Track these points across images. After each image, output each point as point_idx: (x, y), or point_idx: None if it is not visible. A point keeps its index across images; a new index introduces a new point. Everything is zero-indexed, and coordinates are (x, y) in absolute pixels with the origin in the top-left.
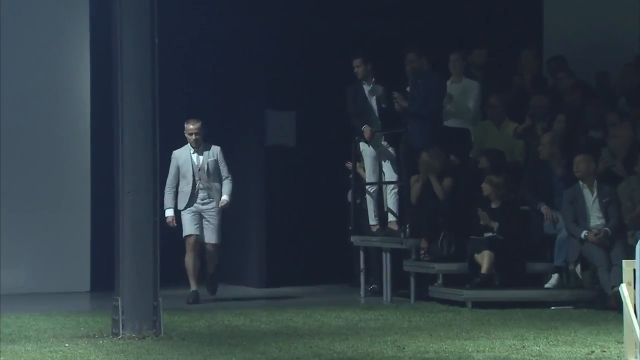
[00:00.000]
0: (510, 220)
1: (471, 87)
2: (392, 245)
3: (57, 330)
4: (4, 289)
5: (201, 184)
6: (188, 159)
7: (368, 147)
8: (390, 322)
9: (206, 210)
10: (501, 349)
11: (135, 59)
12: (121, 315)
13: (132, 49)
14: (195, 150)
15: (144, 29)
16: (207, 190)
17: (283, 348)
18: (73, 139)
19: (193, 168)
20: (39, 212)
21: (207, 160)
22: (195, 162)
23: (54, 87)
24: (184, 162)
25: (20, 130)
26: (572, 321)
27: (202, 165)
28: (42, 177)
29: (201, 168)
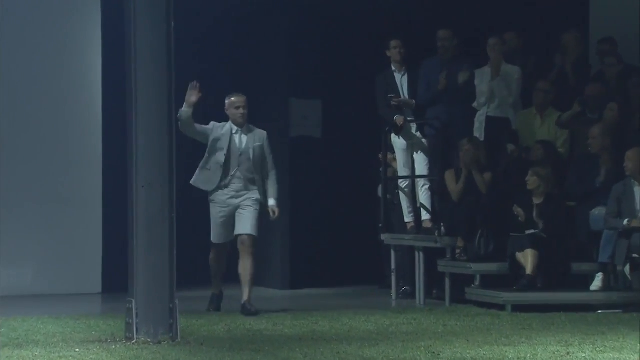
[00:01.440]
0: (555, 217)
1: (511, 73)
2: (425, 244)
3: (67, 335)
4: (10, 290)
5: (240, 173)
6: (227, 137)
7: (399, 138)
8: (423, 327)
9: (241, 202)
10: (544, 355)
11: (150, 45)
12: (135, 318)
13: (147, 33)
14: (240, 130)
15: (159, 12)
16: (245, 182)
17: (308, 354)
18: (83, 129)
19: (232, 151)
20: (46, 208)
21: (252, 145)
22: (237, 144)
23: (63, 76)
24: (221, 138)
25: (27, 121)
26: (621, 326)
27: (246, 149)
28: (50, 170)
29: (243, 153)
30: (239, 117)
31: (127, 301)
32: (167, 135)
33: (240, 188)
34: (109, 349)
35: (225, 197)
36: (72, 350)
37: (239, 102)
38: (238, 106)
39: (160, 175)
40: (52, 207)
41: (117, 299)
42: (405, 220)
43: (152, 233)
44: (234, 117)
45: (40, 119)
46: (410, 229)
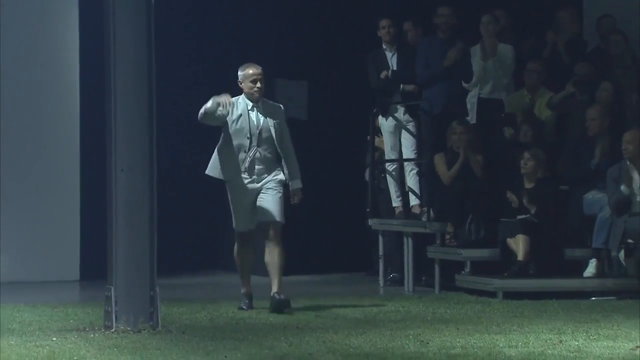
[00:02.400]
0: (548, 201)
1: (505, 52)
2: (414, 230)
3: (44, 323)
4: None
5: (259, 154)
6: (245, 115)
7: (386, 120)
8: (412, 315)
9: (263, 185)
10: (536, 343)
11: (129, 26)
12: (114, 306)
13: (126, 15)
14: (256, 105)
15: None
16: (266, 163)
17: (293, 343)
18: (60, 112)
19: (251, 129)
20: (22, 193)
21: (271, 123)
22: (254, 120)
23: (40, 60)
24: (238, 117)
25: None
26: (615, 313)
27: (266, 127)
28: (26, 156)
29: (263, 131)
30: (255, 92)
31: (106, 289)
32: (147, 117)
33: (261, 171)
34: (87, 338)
35: (245, 181)
36: (49, 339)
37: (256, 75)
38: (255, 79)
39: (141, 159)
40: (29, 193)
41: (95, 287)
42: (393, 205)
43: (132, 219)
44: (250, 91)
45: (17, 103)
46: (398, 214)
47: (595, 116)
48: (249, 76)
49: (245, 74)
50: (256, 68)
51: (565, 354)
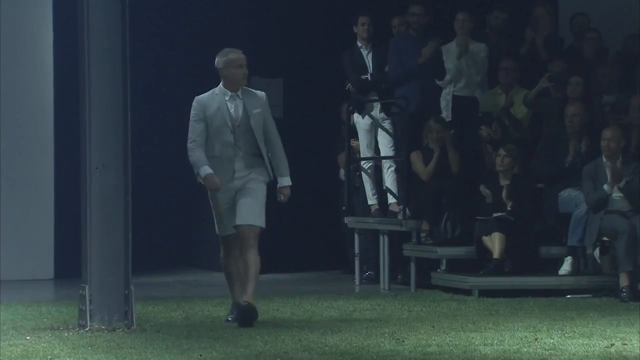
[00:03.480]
0: (523, 198)
1: (478, 50)
2: (390, 228)
3: (17, 322)
4: None
5: (239, 148)
6: (222, 108)
7: (362, 118)
8: (388, 313)
9: (244, 184)
10: (511, 341)
11: (104, 23)
12: (89, 305)
13: (100, 12)
14: (233, 94)
15: None
16: (248, 158)
17: (269, 341)
18: (34, 109)
19: (231, 122)
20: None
21: (251, 112)
22: (232, 112)
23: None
24: (215, 112)
25: None
26: (590, 311)
27: (245, 117)
28: None
29: (241, 123)
30: (242, 78)
31: (81, 287)
32: (122, 113)
33: (242, 167)
34: (61, 337)
35: (225, 180)
36: (23, 338)
37: (241, 60)
38: (240, 64)
39: (115, 156)
40: (2, 192)
41: (70, 285)
42: (368, 203)
43: (106, 216)
44: (235, 77)
45: None
46: (374, 212)
47: (578, 112)
48: (233, 62)
49: (228, 60)
50: (238, 53)
51: (540, 352)
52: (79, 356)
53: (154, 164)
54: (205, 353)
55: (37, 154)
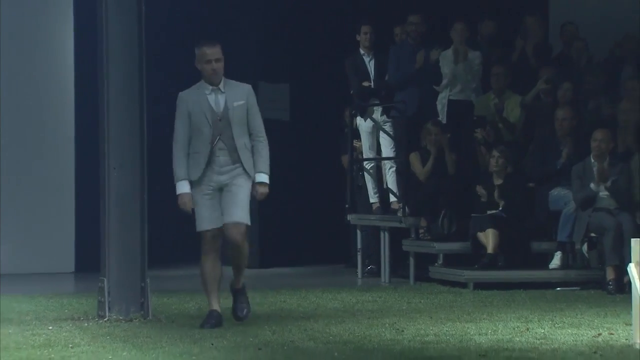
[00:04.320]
0: (515, 197)
1: (474, 57)
2: (390, 224)
3: (40, 313)
4: None
5: (222, 143)
6: (203, 102)
7: (364, 121)
8: (388, 304)
9: (229, 180)
10: (504, 331)
11: (121, 30)
12: (107, 296)
13: (118, 19)
14: (215, 89)
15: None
16: (230, 153)
17: (276, 331)
18: (56, 112)
19: (211, 116)
20: (20, 189)
21: (231, 106)
22: (213, 106)
23: (36, 62)
24: (196, 107)
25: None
26: (579, 303)
27: (225, 111)
28: (23, 153)
29: (222, 117)
30: (210, 73)
31: (100, 280)
32: (138, 116)
33: (224, 162)
34: (81, 327)
35: (209, 174)
36: (45, 328)
37: (211, 54)
38: (209, 59)
39: (132, 157)
40: (26, 189)
41: (89, 278)
42: (370, 201)
43: (123, 213)
44: (206, 73)
45: (15, 104)
46: (375, 210)
47: (568, 116)
48: (201, 57)
49: (198, 54)
50: (211, 46)
51: (532, 341)
52: (98, 345)
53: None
54: (217, 342)
55: (59, 154)
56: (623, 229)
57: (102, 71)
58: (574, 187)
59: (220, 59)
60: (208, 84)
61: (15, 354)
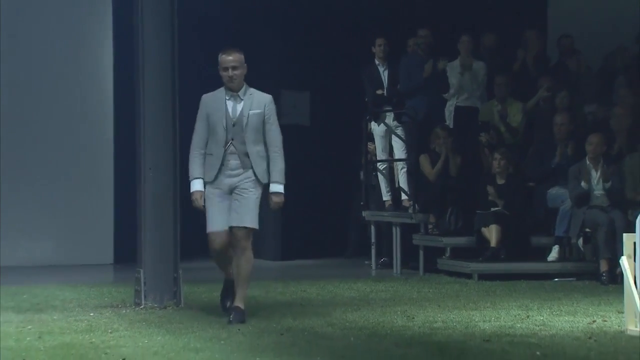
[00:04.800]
0: (517, 196)
1: (479, 67)
2: (402, 220)
3: (82, 300)
4: (32, 261)
5: (233, 147)
6: (221, 107)
7: (378, 126)
8: (400, 294)
9: (238, 183)
10: (506, 318)
11: (156, 42)
12: (143, 286)
13: (153, 32)
14: (232, 95)
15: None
16: (241, 157)
17: (297, 318)
18: (97, 117)
19: (226, 120)
20: (64, 188)
21: (247, 112)
22: (230, 112)
23: (80, 71)
24: (214, 110)
25: (45, 106)
26: (575, 292)
27: (240, 118)
28: (67, 153)
29: (237, 122)
30: (228, 81)
31: (136, 271)
32: (172, 122)
33: (235, 165)
34: (119, 314)
35: (220, 177)
36: (87, 315)
37: (228, 62)
38: (226, 67)
39: (165, 159)
40: (70, 187)
41: (127, 269)
42: (383, 199)
43: (158, 211)
44: (224, 79)
45: (60, 108)
46: (388, 207)
47: (565, 121)
48: (221, 64)
49: (220, 61)
50: (230, 54)
51: (532, 327)
52: (135, 330)
53: None
54: (243, 327)
55: (100, 156)
56: (615, 225)
57: (138, 80)
58: (570, 187)
59: (238, 67)
60: (229, 90)
61: (60, 338)
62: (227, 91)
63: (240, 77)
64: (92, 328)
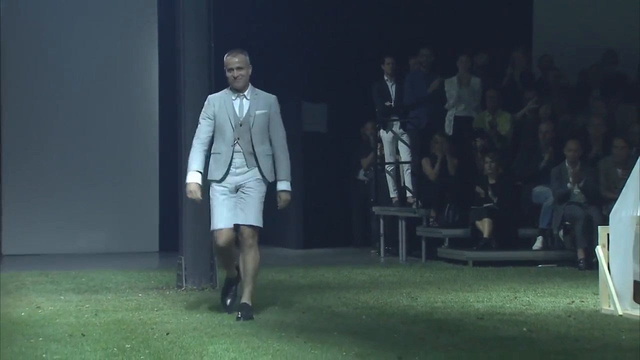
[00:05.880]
0: (506, 193)
1: (475, 83)
2: (406, 214)
3: (132, 283)
4: (89, 249)
5: (239, 146)
6: (229, 106)
7: (386, 133)
8: (405, 278)
9: (243, 182)
10: (497, 299)
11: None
12: (184, 271)
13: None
14: (240, 95)
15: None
16: (246, 156)
17: (317, 299)
18: (145, 122)
19: (233, 120)
20: (116, 184)
21: (253, 113)
22: (237, 112)
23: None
24: (221, 110)
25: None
26: (556, 277)
27: (246, 118)
28: (119, 154)
29: (243, 122)
30: (233, 81)
31: (178, 258)
32: None
33: (240, 164)
34: (164, 295)
35: (224, 175)
36: (136, 295)
37: (234, 63)
38: (231, 67)
39: None
40: (121, 184)
41: (170, 256)
42: (390, 196)
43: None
44: (229, 80)
45: (113, 116)
46: (394, 203)
47: (548, 129)
48: (225, 64)
49: (225, 62)
50: (235, 55)
51: (519, 307)
52: (177, 309)
53: None
54: (270, 307)
55: (147, 157)
56: (592, 220)
57: (180, 94)
58: (552, 186)
59: (242, 67)
60: (234, 90)
61: (113, 315)
62: (233, 91)
63: (246, 77)
64: (140, 307)
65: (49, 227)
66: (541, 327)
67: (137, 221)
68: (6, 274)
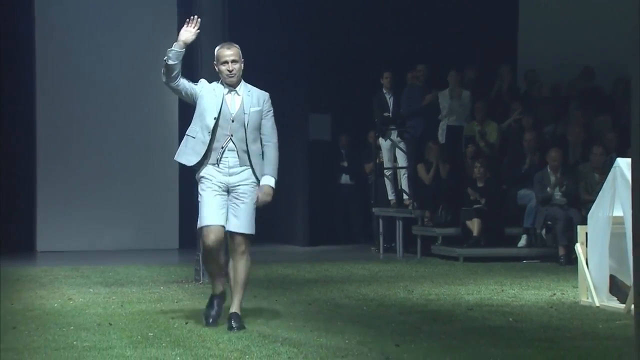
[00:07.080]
0: (493, 195)
1: (465, 96)
2: (403, 215)
3: (154, 277)
4: (115, 246)
5: (232, 144)
6: (219, 99)
7: (385, 141)
8: (402, 273)
9: (237, 185)
10: (485, 292)
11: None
12: (201, 266)
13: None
14: (233, 90)
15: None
16: (240, 155)
17: (322, 291)
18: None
19: (222, 115)
20: (140, 185)
21: (248, 110)
22: (229, 107)
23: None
24: (211, 98)
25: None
26: (539, 271)
27: (239, 114)
28: (138, 154)
29: (236, 119)
30: (227, 76)
31: (196, 254)
32: None
33: (234, 163)
34: (183, 287)
35: (217, 174)
36: (158, 288)
37: (227, 55)
38: (226, 60)
39: None
40: (144, 186)
41: (189, 252)
42: (388, 198)
43: None
44: (223, 74)
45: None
46: (392, 204)
47: (531, 138)
48: (221, 58)
49: (218, 55)
50: (229, 47)
51: (505, 299)
52: (195, 300)
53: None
54: (280, 299)
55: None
56: (573, 220)
57: None
58: (535, 189)
59: (237, 61)
60: (226, 85)
61: (137, 306)
62: (225, 86)
63: (239, 71)
64: (162, 299)
65: (79, 226)
66: (526, 317)
67: (159, 220)
68: (41, 269)
